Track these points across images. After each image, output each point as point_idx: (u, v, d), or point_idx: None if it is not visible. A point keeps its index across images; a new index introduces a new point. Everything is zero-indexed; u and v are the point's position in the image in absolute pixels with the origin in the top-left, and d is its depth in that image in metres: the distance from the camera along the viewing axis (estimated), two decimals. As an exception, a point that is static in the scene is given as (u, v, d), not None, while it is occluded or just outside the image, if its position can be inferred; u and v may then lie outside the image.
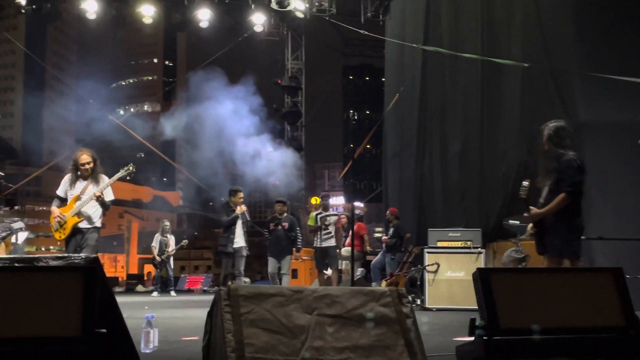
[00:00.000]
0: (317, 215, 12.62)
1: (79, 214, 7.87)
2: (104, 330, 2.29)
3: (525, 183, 5.84)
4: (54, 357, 2.19)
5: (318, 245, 12.47)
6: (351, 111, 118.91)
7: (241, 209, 11.10)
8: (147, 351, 5.03)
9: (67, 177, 8.11)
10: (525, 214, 5.88)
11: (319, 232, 12.43)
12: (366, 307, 2.74)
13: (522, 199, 5.83)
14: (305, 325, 2.64)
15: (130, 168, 8.25)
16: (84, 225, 7.89)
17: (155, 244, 16.62)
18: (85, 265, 2.50)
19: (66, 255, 2.89)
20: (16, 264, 2.73)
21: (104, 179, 8.01)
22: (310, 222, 12.85)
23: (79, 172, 7.98)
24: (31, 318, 2.23)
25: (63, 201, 8.03)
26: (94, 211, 7.95)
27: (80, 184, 7.99)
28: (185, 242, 17.37)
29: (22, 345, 2.19)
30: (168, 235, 16.69)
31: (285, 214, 12.46)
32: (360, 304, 2.75)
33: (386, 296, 2.80)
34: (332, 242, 12.43)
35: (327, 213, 12.68)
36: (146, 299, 14.43)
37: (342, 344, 2.63)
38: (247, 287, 2.75)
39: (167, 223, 17.23)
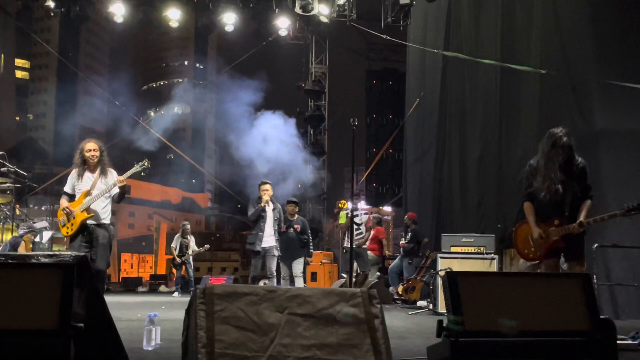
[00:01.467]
0: (347, 213, 12.12)
1: (88, 209, 7.60)
2: (81, 325, 2.41)
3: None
4: (30, 348, 2.33)
5: (348, 245, 11.67)
6: (374, 115, 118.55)
7: (265, 199, 10.46)
8: (149, 348, 5.18)
9: (74, 172, 7.82)
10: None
11: (348, 232, 11.78)
12: (336, 307, 2.85)
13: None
14: (275, 323, 2.76)
15: (146, 163, 7.99)
16: (91, 221, 7.62)
17: (175, 245, 16.81)
18: (64, 263, 2.63)
19: (56, 253, 3.02)
20: (1, 260, 2.88)
21: (113, 173, 7.78)
22: (342, 221, 12.64)
23: (86, 165, 7.74)
24: (11, 312, 2.37)
25: (71, 197, 7.79)
26: (103, 207, 7.70)
27: (89, 178, 7.75)
28: (206, 247, 17.52)
29: (1, 336, 2.33)
30: (188, 237, 16.86)
31: (297, 216, 11.95)
32: (330, 304, 2.86)
33: (357, 297, 2.90)
34: (363, 244, 12.23)
35: (358, 212, 12.34)
36: (166, 299, 14.63)
37: (310, 341, 2.75)
38: (223, 286, 2.87)
39: (188, 225, 17.39)
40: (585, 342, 2.75)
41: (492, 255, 10.42)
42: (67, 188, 7.86)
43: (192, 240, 16.91)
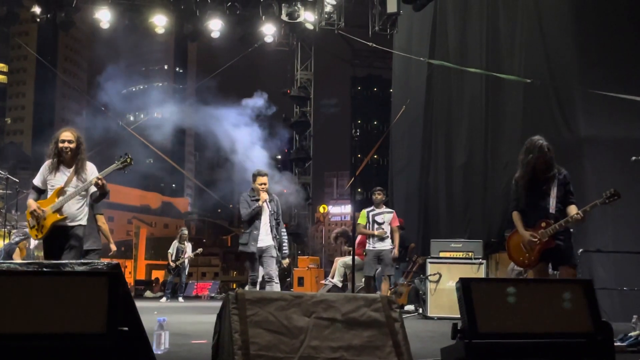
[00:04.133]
0: (368, 212, 10.97)
1: (60, 210, 6.61)
2: (126, 328, 2.60)
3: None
4: (82, 351, 2.50)
5: (370, 247, 10.73)
6: (359, 121, 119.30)
7: (263, 197, 8.99)
8: (159, 352, 5.33)
9: (46, 164, 6.79)
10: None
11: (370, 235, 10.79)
12: (359, 312, 3.06)
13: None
14: (304, 327, 2.97)
15: (128, 160, 6.84)
16: (66, 223, 6.63)
17: (172, 251, 16.93)
18: (109, 271, 2.82)
19: (90, 261, 3.19)
20: (44, 269, 3.05)
21: (92, 168, 6.84)
22: (361, 221, 10.88)
23: (60, 157, 6.71)
24: (63, 316, 2.55)
25: (40, 193, 6.81)
26: (79, 208, 6.72)
27: (63, 174, 6.74)
28: (200, 250, 17.77)
29: (54, 340, 2.50)
30: (185, 243, 16.99)
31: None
32: (353, 309, 3.08)
33: (377, 302, 3.13)
34: (386, 245, 10.75)
35: (381, 210, 10.94)
36: (155, 305, 14.72)
37: (337, 344, 2.97)
38: (253, 292, 3.06)
39: (185, 231, 17.61)
40: (587, 343, 2.97)
41: (480, 260, 10.64)
42: (36, 181, 6.84)
43: (188, 247, 17.05)
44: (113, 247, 10.21)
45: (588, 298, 3.04)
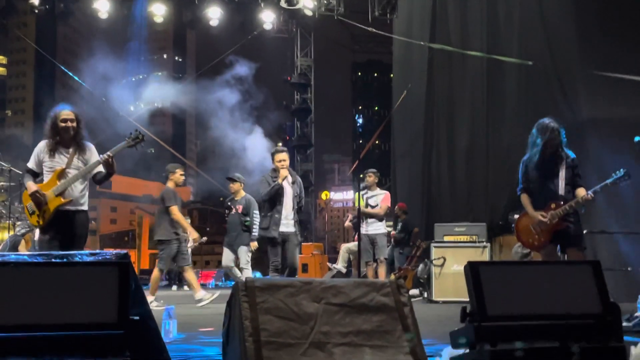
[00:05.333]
0: (362, 195, 10.46)
1: (63, 193, 6.12)
2: (137, 318, 2.62)
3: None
4: (93, 340, 2.52)
5: (364, 232, 10.31)
6: (360, 107, 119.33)
7: (283, 173, 8.34)
8: (167, 340, 5.36)
9: (43, 145, 6.25)
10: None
11: (362, 218, 10.31)
12: (368, 297, 3.08)
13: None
14: (314, 313, 2.98)
15: (140, 136, 6.42)
16: (69, 208, 6.18)
17: None
18: (120, 261, 2.83)
19: (99, 252, 3.21)
20: (54, 260, 3.07)
21: (92, 149, 6.37)
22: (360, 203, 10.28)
23: (58, 137, 6.21)
24: (75, 306, 2.57)
25: (36, 177, 6.25)
26: (82, 191, 6.26)
27: (61, 155, 6.22)
28: (204, 239, 17.78)
29: (65, 329, 2.52)
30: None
31: (242, 195, 10.50)
32: (362, 294, 3.10)
33: (386, 287, 3.14)
34: (380, 229, 10.49)
35: (374, 192, 10.63)
36: (162, 294, 14.74)
37: (347, 329, 2.98)
38: (262, 279, 3.08)
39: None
40: (597, 324, 2.98)
41: (485, 243, 10.67)
42: (31, 164, 6.24)
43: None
44: (193, 235, 10.33)
45: (596, 279, 3.05)
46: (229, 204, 10.61)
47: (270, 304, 2.94)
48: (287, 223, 8.26)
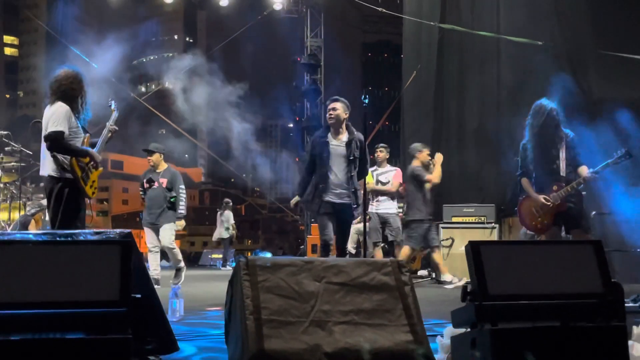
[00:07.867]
0: (372, 172, 10.06)
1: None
2: (139, 295, 2.64)
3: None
4: (96, 317, 2.55)
5: (374, 211, 9.91)
6: (370, 87, 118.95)
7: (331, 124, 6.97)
8: (174, 319, 5.41)
9: (68, 108, 5.61)
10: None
11: (372, 195, 9.90)
12: (369, 276, 3.10)
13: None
14: (314, 292, 3.01)
15: (112, 105, 6.31)
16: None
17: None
18: (123, 240, 2.86)
19: (102, 230, 3.23)
20: (58, 238, 3.10)
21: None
22: (370, 180, 9.49)
23: (80, 100, 5.75)
24: (77, 284, 2.59)
25: None
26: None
27: (77, 121, 5.72)
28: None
29: (68, 307, 2.55)
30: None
31: (166, 166, 9.43)
32: (363, 273, 3.12)
33: (387, 266, 3.16)
34: (391, 208, 10.07)
35: (385, 169, 10.30)
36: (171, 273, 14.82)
37: (348, 307, 3.01)
38: (263, 258, 3.10)
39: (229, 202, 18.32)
40: (598, 303, 2.98)
41: (493, 224, 10.65)
42: (65, 128, 5.52)
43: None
44: None
45: (598, 258, 3.05)
46: (150, 177, 9.28)
47: (271, 282, 2.96)
48: (339, 192, 6.74)
